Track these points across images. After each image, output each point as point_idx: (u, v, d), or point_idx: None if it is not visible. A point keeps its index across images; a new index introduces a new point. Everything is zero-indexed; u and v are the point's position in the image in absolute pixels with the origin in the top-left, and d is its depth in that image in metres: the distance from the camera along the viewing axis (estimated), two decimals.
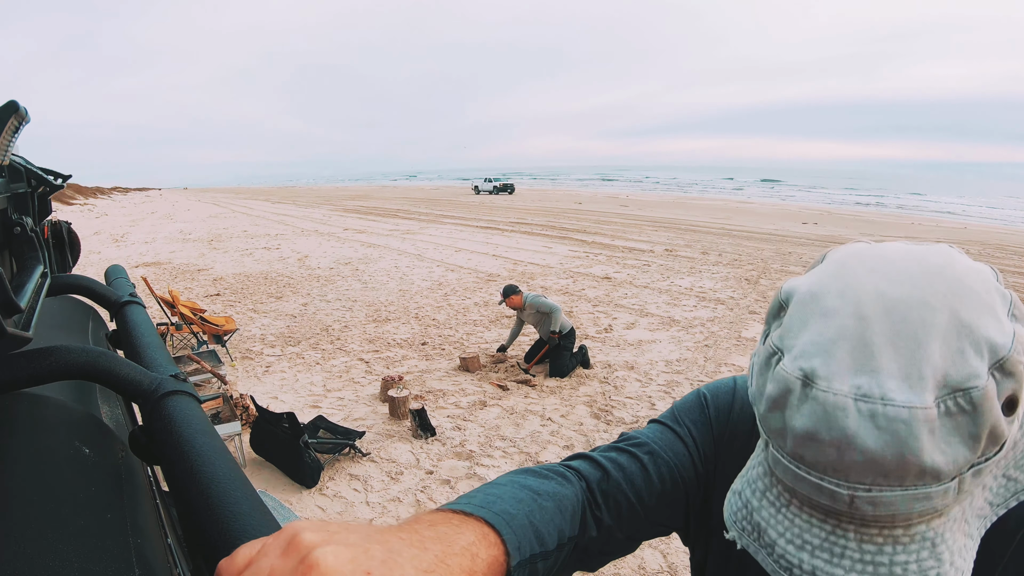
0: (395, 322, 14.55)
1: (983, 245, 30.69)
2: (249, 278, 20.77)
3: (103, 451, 1.15)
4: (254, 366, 11.50)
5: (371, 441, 8.29)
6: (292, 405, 9.57)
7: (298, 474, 7.26)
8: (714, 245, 28.00)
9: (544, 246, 27.82)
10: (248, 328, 14.06)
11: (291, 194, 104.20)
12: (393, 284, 19.24)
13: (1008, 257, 26.44)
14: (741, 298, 16.70)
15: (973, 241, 32.47)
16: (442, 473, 7.47)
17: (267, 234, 35.07)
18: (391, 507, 6.73)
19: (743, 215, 48.09)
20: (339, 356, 12.04)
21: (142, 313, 1.83)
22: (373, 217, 46.38)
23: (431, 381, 10.61)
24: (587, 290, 17.93)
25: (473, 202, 65.48)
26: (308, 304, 16.58)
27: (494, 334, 13.37)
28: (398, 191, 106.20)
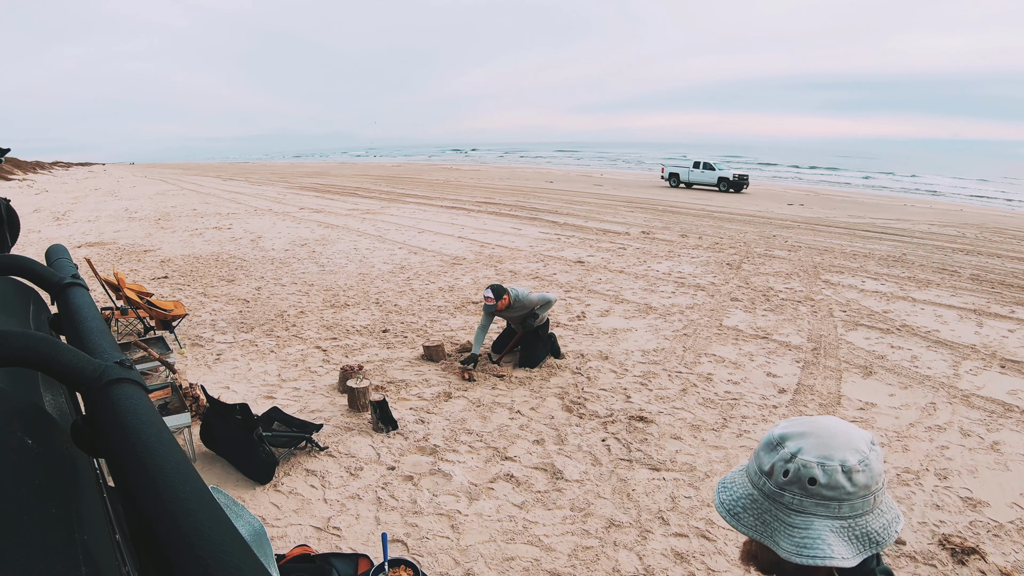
0: (354, 308, 14.51)
1: (981, 228, 31.11)
2: (199, 260, 20.59)
3: (46, 442, 1.14)
4: (204, 354, 11.41)
5: (329, 434, 8.27)
6: (245, 396, 9.52)
7: (251, 469, 7.23)
8: (694, 227, 28.23)
9: (513, 227, 27.90)
10: (198, 313, 13.95)
11: (244, 171, 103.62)
12: (352, 267, 19.19)
13: (1007, 241, 26.86)
14: (722, 284, 16.81)
15: (970, 224, 32.83)
16: (404, 469, 7.47)
17: (218, 213, 34.81)
18: (350, 504, 6.73)
19: (724, 195, 48.37)
20: (295, 344, 11.98)
21: (85, 296, 1.82)
22: (331, 196, 46.28)
23: (393, 371, 10.59)
24: (559, 275, 17.97)
25: (437, 179, 65.41)
26: (262, 288, 16.48)
27: (459, 321, 13.37)
28: (357, 168, 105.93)
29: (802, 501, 1.79)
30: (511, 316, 10.96)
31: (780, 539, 1.81)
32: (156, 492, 0.91)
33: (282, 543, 5.97)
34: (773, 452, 1.87)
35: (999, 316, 14.30)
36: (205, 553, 0.78)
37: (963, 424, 8.86)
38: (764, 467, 1.88)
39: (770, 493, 1.85)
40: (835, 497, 1.76)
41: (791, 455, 1.82)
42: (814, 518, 1.77)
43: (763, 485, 1.88)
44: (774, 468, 1.85)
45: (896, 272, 18.76)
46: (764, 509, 1.87)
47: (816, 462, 1.78)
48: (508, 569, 5.70)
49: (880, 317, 13.86)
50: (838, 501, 1.76)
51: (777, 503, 1.83)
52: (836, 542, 1.74)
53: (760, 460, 1.91)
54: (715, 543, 6.08)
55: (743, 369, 10.80)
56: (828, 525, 1.76)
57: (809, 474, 1.77)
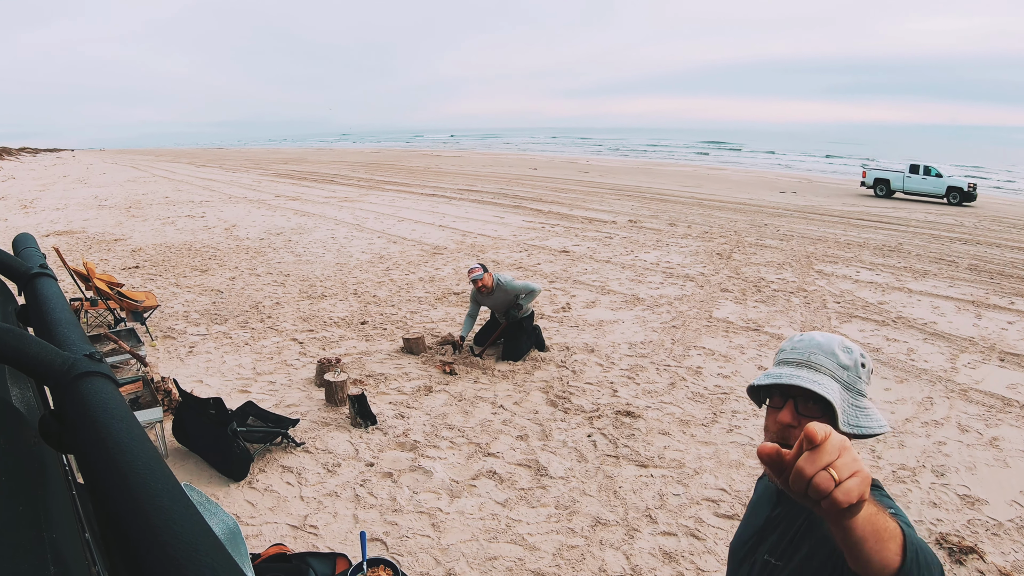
0: (332, 299, 14.51)
1: (979, 217, 31.21)
2: (171, 249, 20.55)
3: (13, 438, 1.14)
4: (177, 346, 11.40)
5: (305, 430, 8.27)
6: (219, 390, 9.51)
7: (225, 466, 7.22)
8: (682, 215, 28.25)
9: (496, 216, 27.90)
10: (170, 304, 13.93)
11: (217, 157, 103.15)
12: (330, 257, 19.18)
13: (1006, 230, 26.96)
14: (712, 274, 16.84)
15: (968, 213, 32.93)
16: (383, 465, 7.48)
17: (191, 201, 34.67)
18: (327, 502, 6.73)
19: (714, 183, 48.45)
20: (270, 336, 11.98)
21: (54, 287, 1.81)
22: (307, 183, 46.17)
23: (371, 364, 10.59)
24: (543, 265, 18.00)
25: (417, 166, 65.31)
26: (236, 278, 16.47)
27: (440, 312, 13.37)
28: (335, 154, 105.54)
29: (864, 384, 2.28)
30: (495, 304, 11.02)
31: (860, 420, 2.21)
32: (127, 489, 0.90)
33: (257, 542, 5.96)
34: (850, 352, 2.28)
35: (998, 307, 14.33)
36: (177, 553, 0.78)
37: (961, 419, 8.88)
38: (846, 363, 2.26)
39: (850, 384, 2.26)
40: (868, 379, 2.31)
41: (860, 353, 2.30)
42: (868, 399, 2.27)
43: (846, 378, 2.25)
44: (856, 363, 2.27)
45: (892, 262, 18.80)
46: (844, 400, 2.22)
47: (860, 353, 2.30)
48: (491, 569, 5.70)
49: (875, 309, 13.89)
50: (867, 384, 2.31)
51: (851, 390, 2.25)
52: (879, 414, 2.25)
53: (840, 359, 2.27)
54: (704, 542, 6.09)
55: (733, 362, 10.82)
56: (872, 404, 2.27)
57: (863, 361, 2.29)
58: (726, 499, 6.84)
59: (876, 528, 1.57)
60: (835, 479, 1.39)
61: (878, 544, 1.57)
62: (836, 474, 1.40)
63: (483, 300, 11.10)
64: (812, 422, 1.41)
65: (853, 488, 1.40)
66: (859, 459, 1.43)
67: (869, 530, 1.55)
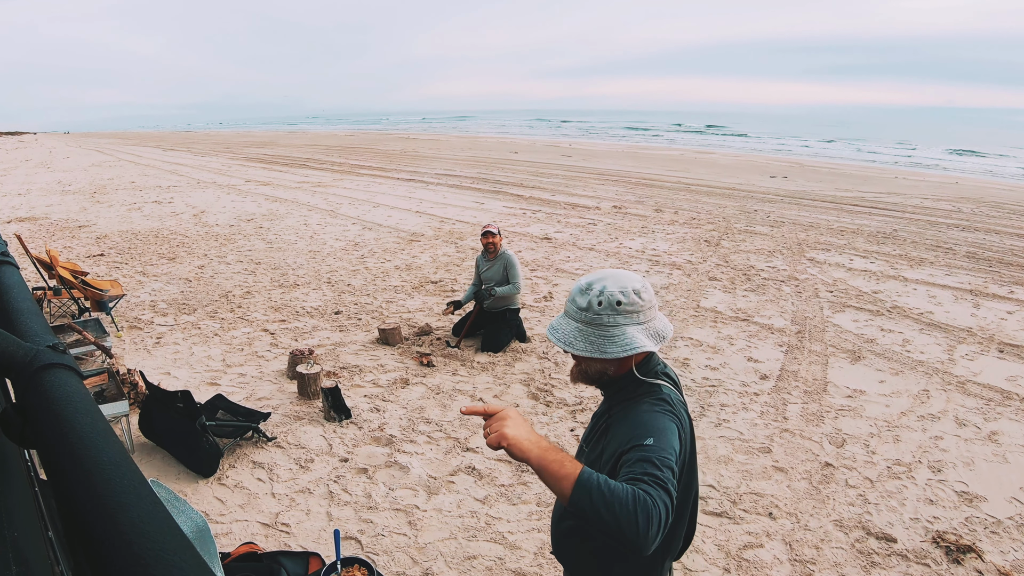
0: (304, 288, 14.50)
1: (977, 203, 31.18)
2: (137, 236, 20.49)
3: None
4: (143, 337, 11.38)
5: (277, 424, 8.27)
6: (187, 382, 9.50)
7: (194, 461, 7.22)
8: (669, 201, 28.27)
9: (475, 201, 27.88)
10: (137, 293, 13.90)
11: (186, 140, 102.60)
12: (302, 244, 19.16)
13: (1005, 216, 26.96)
14: (700, 262, 16.87)
15: (966, 198, 32.87)
16: (358, 461, 7.49)
17: (158, 186, 34.53)
18: (300, 499, 6.74)
19: (702, 167, 48.41)
20: (241, 326, 11.97)
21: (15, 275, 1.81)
22: (279, 167, 46.03)
23: (346, 355, 10.59)
24: (524, 252, 17.98)
25: (394, 150, 65.15)
26: (205, 266, 16.44)
27: (417, 302, 13.37)
28: (307, 137, 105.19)
29: (615, 318, 2.86)
30: (489, 275, 11.11)
31: (607, 347, 2.86)
32: (91, 486, 0.91)
33: (227, 540, 5.97)
34: (586, 294, 2.91)
35: (997, 297, 14.37)
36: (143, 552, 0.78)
37: (958, 413, 8.92)
38: (583, 305, 2.91)
39: (591, 320, 2.89)
40: (633, 310, 2.86)
41: (600, 291, 2.88)
42: (625, 327, 2.86)
43: (584, 317, 2.91)
44: (590, 303, 2.88)
45: (886, 249, 18.85)
46: (588, 334, 2.89)
47: (618, 291, 2.86)
48: (470, 568, 5.72)
49: (869, 298, 13.93)
50: (636, 312, 2.87)
51: (598, 325, 2.88)
52: (642, 337, 2.86)
53: (578, 303, 2.94)
54: (692, 541, 6.11)
55: (722, 353, 10.86)
56: (634, 328, 2.87)
57: (615, 299, 2.85)
58: (714, 496, 6.86)
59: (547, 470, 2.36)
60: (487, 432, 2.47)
61: (550, 479, 2.35)
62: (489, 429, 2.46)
63: (483, 266, 11.22)
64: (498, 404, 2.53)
65: (492, 440, 2.42)
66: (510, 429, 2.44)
67: (539, 470, 2.38)
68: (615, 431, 2.93)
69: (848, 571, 5.74)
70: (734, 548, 6.03)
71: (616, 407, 3.05)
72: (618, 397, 3.05)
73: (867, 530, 6.31)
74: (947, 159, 74.07)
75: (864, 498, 6.85)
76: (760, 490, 6.97)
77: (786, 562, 5.86)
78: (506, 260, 10.97)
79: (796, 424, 8.42)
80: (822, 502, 6.76)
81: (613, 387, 3.08)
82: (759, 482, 7.13)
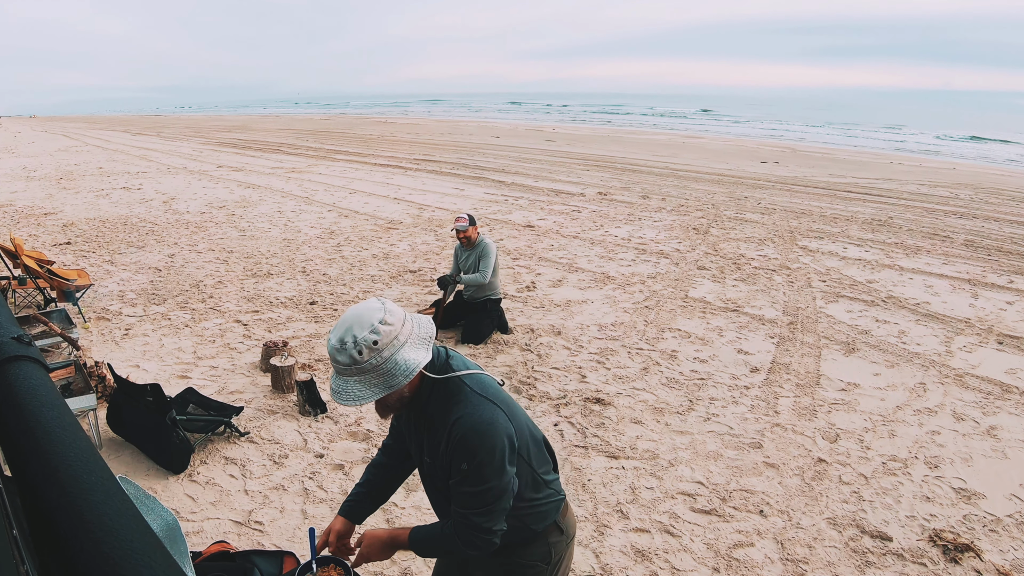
0: (278, 277, 14.47)
1: (976, 189, 31.37)
2: (105, 224, 20.40)
3: None
4: (112, 328, 11.33)
5: (250, 418, 8.26)
6: (157, 375, 9.48)
7: (164, 457, 7.19)
8: (656, 187, 28.36)
9: (455, 188, 27.87)
10: (104, 283, 13.83)
11: (155, 124, 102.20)
12: (276, 232, 19.12)
13: (1004, 203, 27.13)
14: (688, 251, 16.91)
15: (964, 184, 33.03)
16: (334, 456, 7.49)
17: (127, 172, 34.38)
18: (274, 496, 6.73)
19: (691, 152, 48.53)
20: (212, 317, 11.93)
21: None
22: (252, 152, 45.95)
23: (321, 348, 10.59)
24: (506, 240, 18.01)
25: (371, 134, 65.05)
26: (175, 255, 16.37)
27: (395, 292, 13.37)
28: (282, 122, 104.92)
29: (380, 355, 2.97)
30: (467, 261, 11.06)
31: (392, 381, 3.02)
32: (58, 482, 0.90)
33: (198, 539, 5.96)
34: (343, 351, 2.98)
35: (996, 286, 14.43)
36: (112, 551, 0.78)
37: (956, 407, 8.95)
38: (347, 361, 2.98)
39: (364, 370, 2.98)
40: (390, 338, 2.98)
41: (353, 342, 2.96)
42: (393, 356, 2.99)
43: (356, 370, 2.99)
44: (352, 357, 2.96)
45: (882, 237, 18.91)
46: (368, 381, 3.01)
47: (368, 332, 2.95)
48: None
49: (864, 287, 13.98)
50: (394, 338, 2.99)
51: (371, 370, 2.99)
52: (414, 352, 3.05)
53: (342, 362, 3.00)
54: (680, 539, 6.13)
55: (711, 345, 10.87)
56: (403, 350, 3.01)
57: (370, 340, 2.94)
58: (703, 493, 6.88)
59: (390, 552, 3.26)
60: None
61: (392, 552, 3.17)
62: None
63: (461, 255, 11.17)
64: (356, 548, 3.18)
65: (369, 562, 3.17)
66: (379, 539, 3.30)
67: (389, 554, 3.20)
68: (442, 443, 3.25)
69: (842, 571, 5.75)
70: (724, 547, 6.04)
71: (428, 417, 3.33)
72: (428, 409, 3.31)
73: (861, 528, 6.32)
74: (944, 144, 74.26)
75: (858, 495, 6.86)
76: (751, 487, 6.98)
77: (777, 561, 5.87)
78: (481, 249, 10.92)
79: (788, 418, 8.44)
80: (815, 499, 6.77)
81: (417, 402, 3.33)
82: (750, 478, 7.14)
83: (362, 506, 3.95)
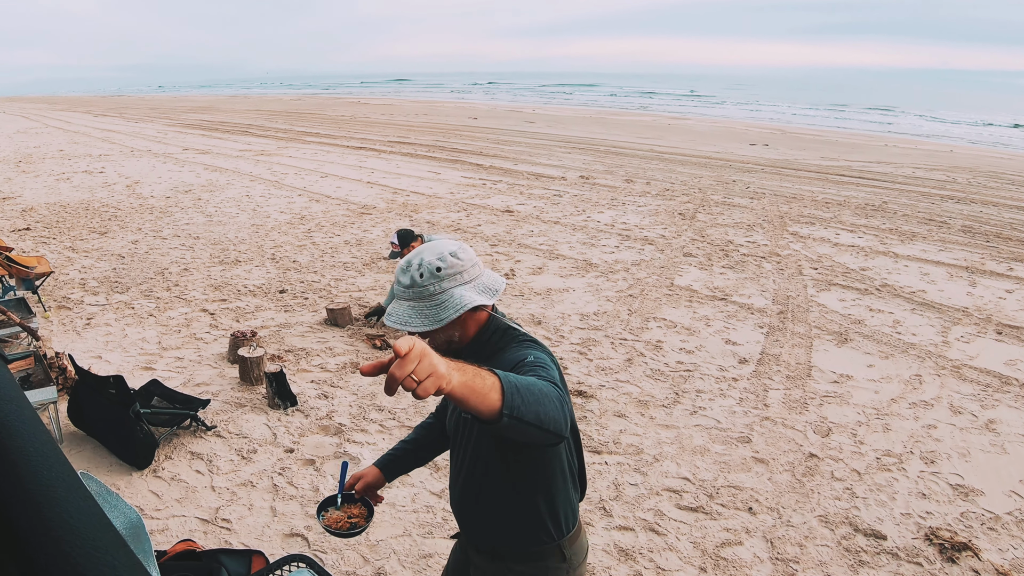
0: (247, 264, 14.46)
1: (973, 172, 31.47)
2: (66, 209, 20.33)
3: None
4: (73, 318, 11.32)
5: (217, 412, 8.25)
6: (120, 367, 9.46)
7: (127, 452, 7.18)
8: (641, 171, 28.40)
9: (431, 171, 27.86)
10: (65, 271, 13.80)
11: (118, 105, 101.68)
12: (244, 217, 19.10)
13: (1004, 187, 27.24)
14: (674, 237, 16.95)
15: (961, 167, 33.13)
16: (305, 451, 7.49)
17: (89, 155, 34.19)
18: (242, 492, 6.73)
19: (676, 134, 48.51)
20: (178, 306, 11.90)
21: None
22: (219, 134, 45.74)
23: (291, 338, 10.58)
24: (483, 226, 18.04)
25: (343, 115, 64.91)
26: (139, 241, 16.33)
27: (368, 280, 13.38)
28: (250, 102, 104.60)
29: (439, 284, 3.11)
30: None
31: (440, 314, 3.09)
32: (17, 478, 0.90)
33: (163, 538, 5.96)
34: (407, 272, 3.15)
35: (995, 274, 14.49)
36: (73, 549, 0.78)
37: (953, 400, 8.98)
38: (407, 283, 3.13)
39: (419, 295, 3.11)
40: (454, 271, 3.12)
41: (419, 264, 3.12)
42: (451, 289, 3.12)
43: (412, 294, 3.13)
44: (413, 279, 3.11)
45: (876, 223, 18.96)
46: (420, 308, 3.12)
47: (435, 258, 3.12)
48: (425, 567, 5.74)
49: (857, 275, 14.02)
50: (458, 273, 3.14)
51: (425, 297, 3.11)
52: (472, 294, 3.14)
53: (403, 282, 3.15)
54: (665, 537, 6.15)
55: (698, 336, 10.90)
56: (461, 288, 3.13)
57: (434, 266, 3.09)
58: (689, 489, 6.90)
59: (474, 390, 2.32)
60: (416, 380, 2.09)
61: (478, 398, 2.34)
62: (416, 376, 2.10)
63: None
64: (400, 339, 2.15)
65: (430, 385, 2.13)
66: (434, 362, 2.20)
67: (468, 393, 2.29)
68: None
69: (834, 570, 5.78)
70: (711, 546, 6.06)
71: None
72: (480, 357, 3.20)
73: (855, 526, 6.34)
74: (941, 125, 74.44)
75: (851, 492, 6.89)
76: (739, 483, 7.01)
77: (767, 561, 5.89)
78: None
79: (778, 412, 8.47)
80: (806, 496, 6.80)
81: (469, 352, 3.32)
82: (738, 474, 7.17)
83: (402, 463, 4.06)
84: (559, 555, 3.47)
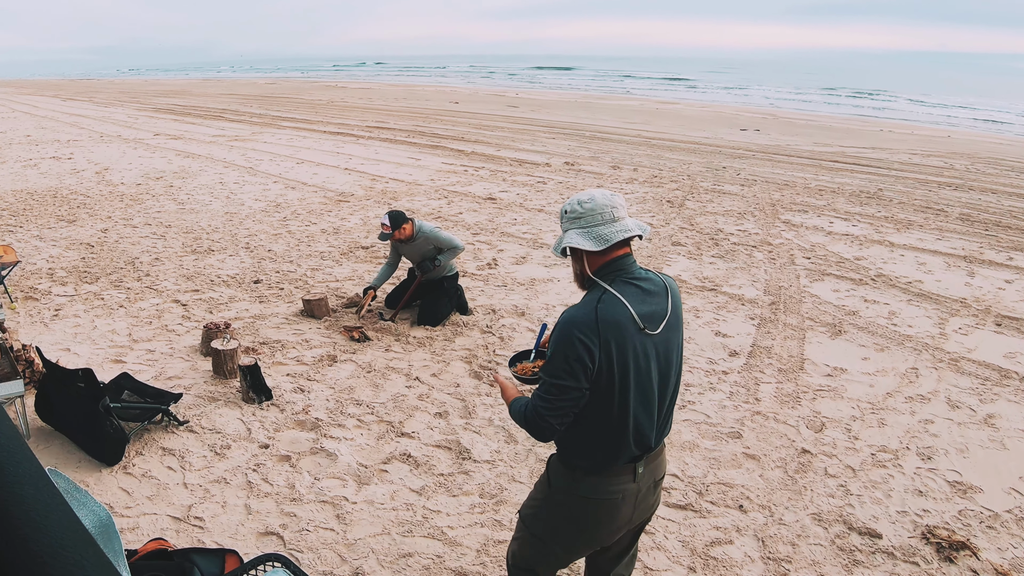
0: (220, 253, 14.42)
1: (972, 158, 31.44)
2: (33, 196, 20.28)
3: None
4: (40, 309, 11.29)
5: (190, 406, 8.23)
6: (89, 359, 9.44)
7: (96, 448, 7.16)
8: (628, 157, 28.41)
9: (411, 157, 27.84)
10: (32, 260, 13.76)
11: (88, 89, 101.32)
12: (217, 205, 19.06)
13: (1003, 174, 27.22)
14: (662, 225, 16.99)
15: (959, 154, 33.06)
16: (281, 447, 7.47)
17: (57, 140, 34.09)
18: (215, 489, 6.72)
19: (665, 119, 48.42)
20: (149, 297, 11.87)
21: None
22: (192, 119, 45.58)
23: (266, 330, 10.57)
24: (465, 214, 18.04)
25: (320, 100, 64.78)
26: (109, 230, 16.28)
27: (346, 270, 13.36)
28: (223, 86, 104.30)
29: (564, 224, 3.83)
30: (413, 254, 10.92)
31: (556, 247, 3.88)
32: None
33: (133, 536, 5.94)
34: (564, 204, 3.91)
35: (994, 264, 14.50)
36: (41, 548, 0.78)
37: (951, 394, 8.99)
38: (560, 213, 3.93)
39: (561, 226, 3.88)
40: (575, 216, 3.77)
41: (567, 201, 3.86)
42: (569, 230, 3.80)
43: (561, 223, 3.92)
44: (560, 211, 3.89)
45: (871, 211, 18.97)
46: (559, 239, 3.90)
47: (573, 201, 3.79)
48: (405, 567, 5.74)
49: (851, 265, 14.04)
50: (577, 217, 3.75)
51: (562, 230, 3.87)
52: (578, 238, 3.73)
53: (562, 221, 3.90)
54: (653, 536, 6.16)
55: (687, 327, 10.80)
56: (575, 231, 3.75)
57: (564, 208, 3.83)
58: (678, 486, 6.91)
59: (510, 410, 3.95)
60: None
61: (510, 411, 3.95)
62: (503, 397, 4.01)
63: (402, 249, 11.01)
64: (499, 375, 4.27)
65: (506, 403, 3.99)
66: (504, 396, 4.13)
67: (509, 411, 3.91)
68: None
69: (827, 570, 5.79)
70: (700, 544, 6.07)
71: None
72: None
73: (849, 524, 6.36)
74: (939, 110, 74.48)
75: (845, 489, 6.91)
76: (729, 480, 7.02)
77: (758, 560, 5.90)
78: (428, 235, 10.70)
79: (769, 406, 8.49)
80: (798, 493, 6.82)
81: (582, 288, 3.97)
82: (728, 471, 7.18)
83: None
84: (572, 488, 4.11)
